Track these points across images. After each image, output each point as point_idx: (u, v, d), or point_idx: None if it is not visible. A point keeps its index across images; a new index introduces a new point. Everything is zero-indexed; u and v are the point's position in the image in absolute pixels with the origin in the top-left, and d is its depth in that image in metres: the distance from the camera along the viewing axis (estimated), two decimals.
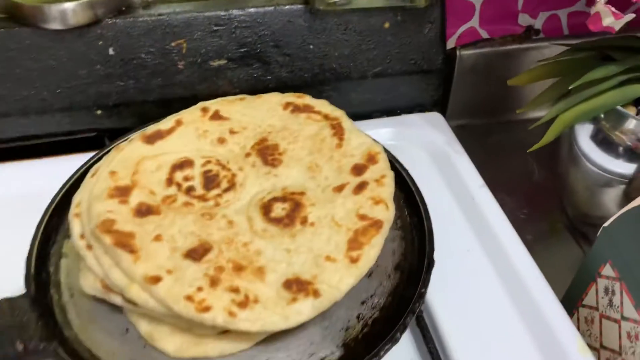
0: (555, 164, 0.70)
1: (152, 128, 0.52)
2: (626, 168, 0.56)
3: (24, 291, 0.45)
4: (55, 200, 0.51)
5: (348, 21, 0.62)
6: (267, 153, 0.51)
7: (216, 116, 0.54)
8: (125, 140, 0.53)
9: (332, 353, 0.43)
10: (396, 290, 0.47)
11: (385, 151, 0.52)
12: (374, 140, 0.52)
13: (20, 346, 0.40)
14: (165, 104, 0.60)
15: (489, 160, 0.68)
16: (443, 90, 0.72)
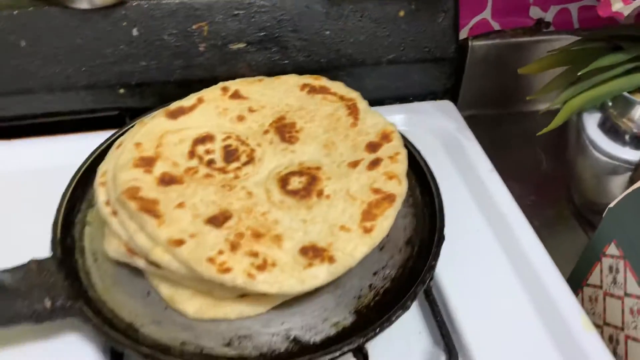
0: (563, 154, 0.72)
1: (175, 104, 0.54)
2: (633, 155, 0.58)
3: (50, 255, 0.47)
4: (80, 171, 0.53)
5: (364, 8, 0.64)
6: (285, 130, 0.53)
7: (236, 95, 0.56)
8: (149, 116, 0.55)
9: (345, 319, 0.45)
10: (407, 263, 0.49)
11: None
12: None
13: (49, 303, 0.42)
14: (185, 85, 0.62)
15: (498, 150, 0.69)
16: (455, 80, 0.73)
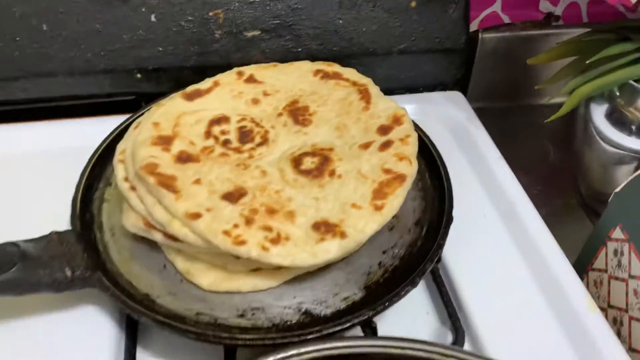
0: (570, 145, 0.73)
1: (192, 87, 0.55)
2: (639, 144, 0.59)
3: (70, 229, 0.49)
4: (98, 151, 0.55)
5: None
6: (298, 113, 0.54)
7: (251, 79, 0.57)
8: (166, 99, 0.56)
9: (355, 294, 0.46)
10: (415, 242, 0.50)
11: None
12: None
13: (69, 272, 0.44)
14: (201, 71, 0.63)
15: (506, 141, 0.70)
16: (464, 71, 0.75)
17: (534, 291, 0.51)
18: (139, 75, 0.65)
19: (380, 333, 0.46)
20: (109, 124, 0.59)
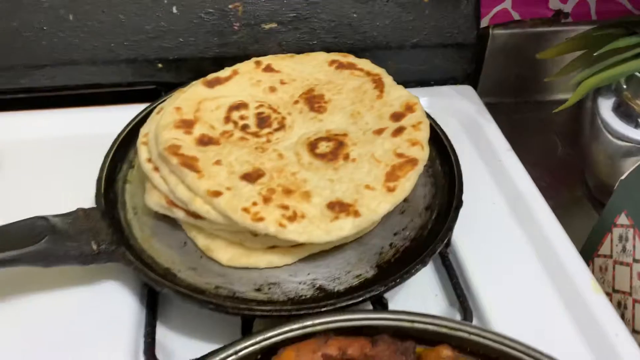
0: (578, 140, 0.74)
1: (212, 75, 0.58)
2: None
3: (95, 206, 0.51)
4: (122, 134, 0.57)
5: None
6: (314, 101, 0.56)
7: (268, 69, 0.59)
8: (187, 86, 0.59)
9: (367, 272, 0.48)
10: (426, 225, 0.52)
11: None
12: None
13: (95, 246, 0.46)
14: (220, 62, 0.65)
15: (515, 136, 0.71)
16: (475, 66, 0.76)
17: (541, 275, 0.53)
18: (160, 65, 0.67)
19: None
20: (130, 111, 0.61)
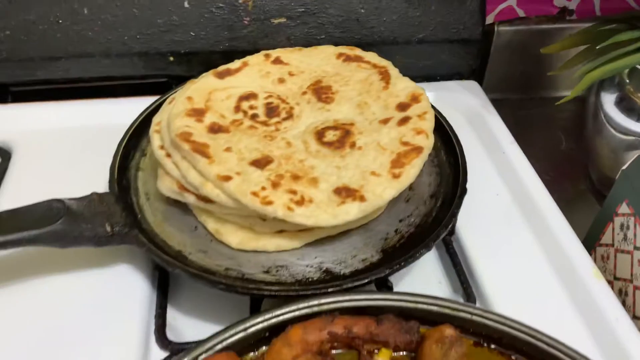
0: (582, 136, 0.75)
1: (223, 67, 0.59)
2: None
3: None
4: (135, 124, 0.59)
5: None
6: (321, 92, 0.58)
7: (277, 61, 0.61)
8: (198, 77, 0.60)
9: (372, 256, 0.49)
10: (430, 213, 0.53)
11: None
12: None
13: (109, 228, 0.48)
14: (230, 56, 0.67)
15: (520, 132, 0.72)
16: (480, 62, 0.78)
17: (543, 263, 0.54)
18: (171, 58, 0.69)
19: None
20: (142, 103, 0.63)
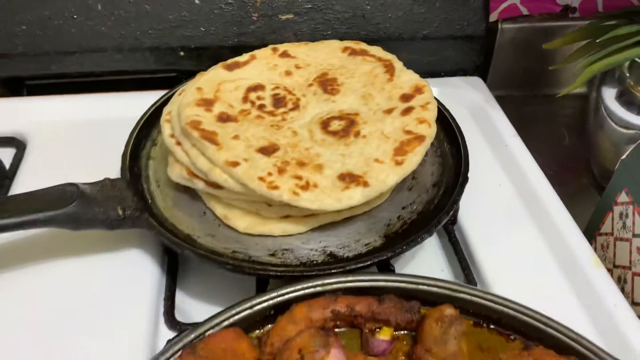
0: (584, 131, 0.76)
1: (232, 60, 0.61)
2: None
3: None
4: (146, 114, 0.61)
5: None
6: (327, 84, 0.59)
7: (284, 54, 0.62)
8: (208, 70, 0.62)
9: (375, 241, 0.50)
10: (433, 201, 0.54)
11: None
12: None
13: (121, 211, 0.49)
14: (238, 51, 0.68)
15: (523, 128, 0.74)
16: (484, 59, 0.79)
17: (544, 251, 0.55)
18: (182, 53, 0.71)
19: None
20: (152, 97, 0.64)
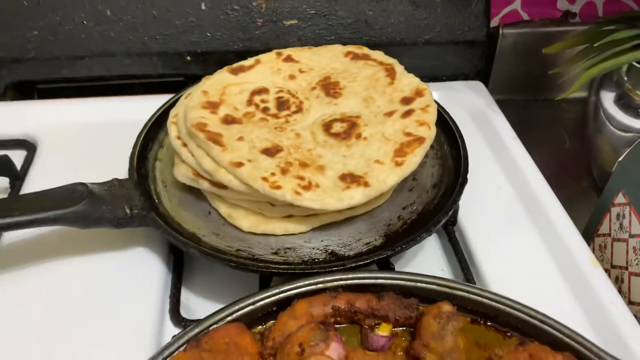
0: (584, 135, 0.77)
1: (237, 64, 0.62)
2: None
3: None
4: (153, 117, 0.62)
5: None
6: (330, 87, 0.61)
7: (288, 59, 0.64)
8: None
9: (376, 240, 0.51)
10: (432, 201, 0.55)
11: None
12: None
13: (128, 210, 0.51)
14: (244, 56, 0.70)
15: (524, 131, 0.74)
16: (485, 64, 0.80)
17: (542, 252, 0.56)
18: (188, 58, 0.72)
19: None
20: (159, 101, 0.66)
